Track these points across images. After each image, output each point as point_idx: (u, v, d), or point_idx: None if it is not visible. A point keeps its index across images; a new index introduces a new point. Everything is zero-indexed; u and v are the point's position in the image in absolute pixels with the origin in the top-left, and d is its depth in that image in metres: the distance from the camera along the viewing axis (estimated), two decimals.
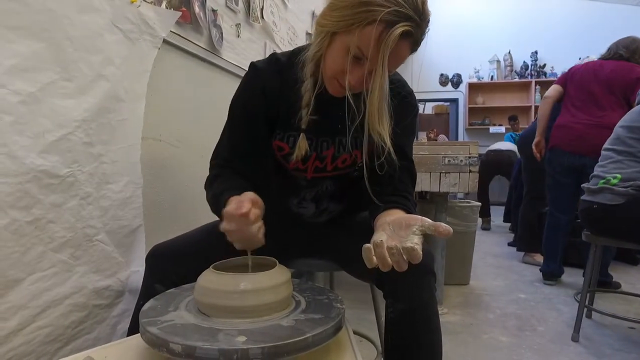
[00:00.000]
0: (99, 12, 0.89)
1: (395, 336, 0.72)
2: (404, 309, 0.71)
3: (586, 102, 2.23)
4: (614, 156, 1.60)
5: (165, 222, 1.19)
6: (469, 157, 1.79)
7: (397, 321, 0.71)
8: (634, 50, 2.21)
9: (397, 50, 0.68)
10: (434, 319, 0.73)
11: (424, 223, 0.59)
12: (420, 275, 0.70)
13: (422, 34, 0.72)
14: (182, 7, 1.22)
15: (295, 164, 0.87)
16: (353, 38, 0.68)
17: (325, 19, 0.72)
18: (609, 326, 1.80)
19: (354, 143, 0.86)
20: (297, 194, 0.93)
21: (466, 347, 1.58)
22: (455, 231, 2.55)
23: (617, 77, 2.17)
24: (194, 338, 0.53)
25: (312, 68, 0.79)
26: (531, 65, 6.92)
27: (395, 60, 0.71)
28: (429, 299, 0.72)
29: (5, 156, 0.70)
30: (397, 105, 0.80)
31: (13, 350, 0.73)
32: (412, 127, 0.90)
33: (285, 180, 0.91)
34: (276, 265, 0.66)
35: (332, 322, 0.59)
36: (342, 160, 0.87)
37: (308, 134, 0.84)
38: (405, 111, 0.85)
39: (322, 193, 0.92)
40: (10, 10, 0.71)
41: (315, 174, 0.89)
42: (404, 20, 0.66)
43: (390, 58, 0.68)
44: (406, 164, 0.84)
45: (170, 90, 1.21)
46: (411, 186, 0.85)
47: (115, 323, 0.94)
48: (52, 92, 0.78)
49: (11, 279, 0.72)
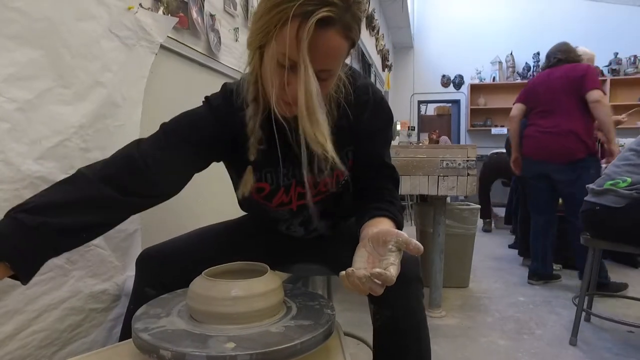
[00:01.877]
0: (96, 20, 0.90)
1: (382, 343, 0.73)
2: (389, 316, 0.71)
3: (545, 111, 2.38)
4: (632, 158, 1.59)
5: (162, 226, 1.20)
6: (467, 161, 1.79)
7: (383, 328, 0.72)
8: (567, 50, 2.40)
9: (322, 41, 0.60)
10: (421, 326, 0.72)
11: (399, 239, 0.59)
12: (405, 282, 0.69)
13: (353, 18, 0.63)
14: (180, 12, 1.23)
15: (279, 199, 0.83)
16: (275, 45, 0.61)
17: (250, 35, 0.67)
18: (608, 330, 1.80)
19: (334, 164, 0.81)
20: (285, 221, 0.91)
21: (464, 351, 1.58)
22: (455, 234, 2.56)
23: (565, 79, 2.31)
24: (184, 344, 0.54)
25: (254, 92, 0.74)
26: (533, 67, 6.90)
27: (327, 53, 0.62)
28: (416, 306, 0.72)
29: (2, 163, 0.71)
30: (369, 114, 0.79)
31: (9, 355, 0.74)
32: (387, 135, 0.86)
33: (269, 214, 0.89)
34: (267, 271, 0.67)
35: (321, 328, 0.59)
36: (324, 184, 0.83)
37: (275, 165, 0.80)
38: (378, 120, 0.82)
39: (309, 217, 0.88)
40: (8, 19, 0.72)
41: (299, 202, 0.85)
42: (322, 6, 0.58)
43: (318, 52, 0.61)
44: (388, 172, 0.83)
45: (168, 95, 1.22)
46: (395, 191, 0.83)
47: (112, 327, 0.95)
48: (49, 99, 0.79)
49: (7, 284, 0.73)
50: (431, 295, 1.96)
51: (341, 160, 0.73)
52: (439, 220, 1.93)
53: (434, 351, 0.78)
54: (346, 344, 0.69)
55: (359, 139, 0.81)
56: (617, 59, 6.57)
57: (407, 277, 0.69)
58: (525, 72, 6.93)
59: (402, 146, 2.04)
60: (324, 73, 0.65)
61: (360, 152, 0.82)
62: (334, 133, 0.69)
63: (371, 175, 0.82)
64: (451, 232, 2.28)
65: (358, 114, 0.79)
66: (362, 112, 0.80)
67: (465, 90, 7.23)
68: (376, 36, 5.45)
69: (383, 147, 0.85)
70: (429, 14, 7.29)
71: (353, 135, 0.81)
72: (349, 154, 0.82)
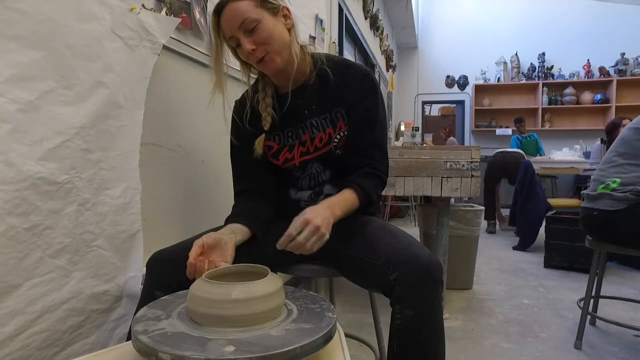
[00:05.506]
0: (99, 21, 0.90)
1: (401, 342, 0.73)
2: (411, 316, 0.71)
3: None
4: (615, 159, 1.59)
5: (164, 227, 1.20)
6: (471, 162, 1.78)
7: (404, 327, 0.72)
8: None
9: (225, 15, 0.89)
10: (439, 329, 0.74)
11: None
12: (430, 283, 0.72)
13: None
14: (182, 13, 1.23)
15: (283, 156, 1.02)
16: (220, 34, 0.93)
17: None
18: (614, 334, 1.78)
19: (325, 122, 0.99)
20: (294, 183, 1.05)
21: (466, 354, 1.57)
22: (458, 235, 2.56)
23: None
24: (183, 347, 0.53)
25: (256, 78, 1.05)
26: (538, 67, 6.87)
27: (234, 16, 0.88)
28: (437, 307, 0.73)
29: (3, 164, 0.71)
30: (353, 85, 0.97)
31: (10, 355, 0.74)
32: (372, 106, 0.98)
33: (280, 175, 1.06)
34: (268, 273, 0.67)
35: (321, 332, 0.59)
36: (319, 139, 0.99)
37: (282, 128, 1.02)
38: (361, 88, 0.97)
39: (314, 176, 1.03)
40: (11, 20, 0.72)
41: (301, 158, 1.02)
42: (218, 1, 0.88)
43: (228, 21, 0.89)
44: (377, 153, 0.97)
45: (170, 96, 1.22)
46: (379, 164, 0.97)
47: (113, 327, 0.95)
48: (51, 100, 0.79)
49: (8, 285, 0.73)
50: None
51: (330, 120, 0.98)
52: (442, 221, 1.92)
53: None
54: (347, 345, 0.68)
55: (346, 105, 0.98)
56: (623, 59, 6.52)
57: (432, 277, 0.72)
58: (531, 73, 6.90)
59: (406, 147, 2.03)
60: (246, 24, 0.88)
61: (350, 122, 0.98)
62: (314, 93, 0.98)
63: (359, 151, 0.97)
64: (455, 233, 2.27)
65: (342, 82, 0.97)
66: (346, 84, 0.97)
67: (469, 90, 7.20)
68: (380, 36, 5.44)
69: (371, 124, 0.97)
70: (434, 13, 7.27)
71: (340, 99, 0.98)
72: (338, 114, 0.99)
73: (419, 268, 0.73)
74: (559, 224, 2.82)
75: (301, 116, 1.00)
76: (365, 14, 4.54)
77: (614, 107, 6.40)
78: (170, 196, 1.23)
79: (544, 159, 4.66)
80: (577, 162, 4.46)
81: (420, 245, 0.81)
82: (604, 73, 6.59)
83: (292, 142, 1.02)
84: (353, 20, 3.93)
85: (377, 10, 4.95)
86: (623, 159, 1.57)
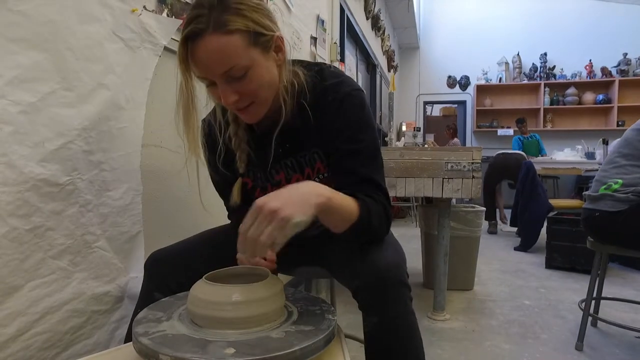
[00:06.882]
0: (100, 22, 0.90)
1: (371, 350, 0.72)
2: (376, 322, 0.70)
3: None
4: (618, 160, 1.58)
5: (165, 228, 1.20)
6: (472, 163, 1.78)
7: (371, 335, 0.71)
8: None
9: (200, 51, 0.67)
10: (410, 332, 0.71)
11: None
12: (387, 288, 0.68)
13: (224, 12, 0.66)
14: (184, 14, 1.23)
15: (258, 196, 0.83)
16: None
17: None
18: (615, 335, 1.78)
19: (304, 161, 0.85)
20: None
21: (467, 355, 1.57)
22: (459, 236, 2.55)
23: None
24: (184, 349, 0.54)
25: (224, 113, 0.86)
26: (540, 67, 6.85)
27: (213, 58, 0.67)
28: (402, 310, 0.70)
29: (5, 165, 0.71)
30: (336, 110, 0.78)
31: (12, 356, 0.74)
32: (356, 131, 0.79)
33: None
34: (268, 275, 0.67)
35: (322, 334, 0.59)
36: (296, 180, 0.85)
37: (256, 169, 0.89)
38: (340, 119, 0.79)
39: None
40: (13, 22, 0.73)
41: None
42: (188, 24, 0.66)
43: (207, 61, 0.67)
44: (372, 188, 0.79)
45: (172, 97, 1.22)
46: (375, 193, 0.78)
47: (114, 328, 0.96)
48: (53, 102, 0.80)
49: (10, 286, 0.73)
50: (435, 298, 1.95)
51: (308, 160, 0.84)
52: (443, 222, 1.92)
53: (437, 355, 0.77)
54: (348, 347, 0.68)
55: (325, 143, 0.81)
56: (626, 60, 6.51)
57: (390, 282, 0.69)
58: (532, 73, 6.88)
59: (407, 148, 2.03)
60: (233, 71, 0.69)
61: (332, 158, 0.81)
62: (292, 132, 0.80)
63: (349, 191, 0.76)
64: (456, 234, 2.27)
65: (320, 115, 0.80)
66: (324, 114, 0.80)
67: (471, 91, 7.19)
68: (382, 37, 5.43)
69: (354, 155, 0.78)
70: (435, 14, 7.26)
71: (318, 136, 0.82)
72: (315, 156, 0.84)
73: (375, 273, 0.69)
74: (560, 224, 2.81)
75: (275, 155, 0.84)
76: (367, 14, 4.54)
77: (616, 108, 6.38)
78: (170, 197, 1.23)
79: (545, 160, 4.64)
80: (579, 163, 4.45)
81: (386, 249, 0.75)
82: (606, 73, 6.58)
83: (263, 184, 0.89)
84: (354, 20, 3.93)
85: (378, 10, 4.95)
86: (625, 159, 1.56)
